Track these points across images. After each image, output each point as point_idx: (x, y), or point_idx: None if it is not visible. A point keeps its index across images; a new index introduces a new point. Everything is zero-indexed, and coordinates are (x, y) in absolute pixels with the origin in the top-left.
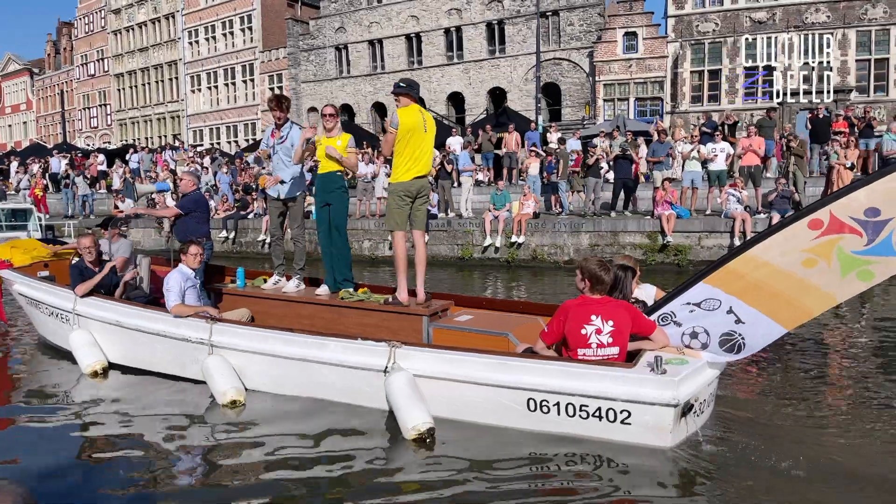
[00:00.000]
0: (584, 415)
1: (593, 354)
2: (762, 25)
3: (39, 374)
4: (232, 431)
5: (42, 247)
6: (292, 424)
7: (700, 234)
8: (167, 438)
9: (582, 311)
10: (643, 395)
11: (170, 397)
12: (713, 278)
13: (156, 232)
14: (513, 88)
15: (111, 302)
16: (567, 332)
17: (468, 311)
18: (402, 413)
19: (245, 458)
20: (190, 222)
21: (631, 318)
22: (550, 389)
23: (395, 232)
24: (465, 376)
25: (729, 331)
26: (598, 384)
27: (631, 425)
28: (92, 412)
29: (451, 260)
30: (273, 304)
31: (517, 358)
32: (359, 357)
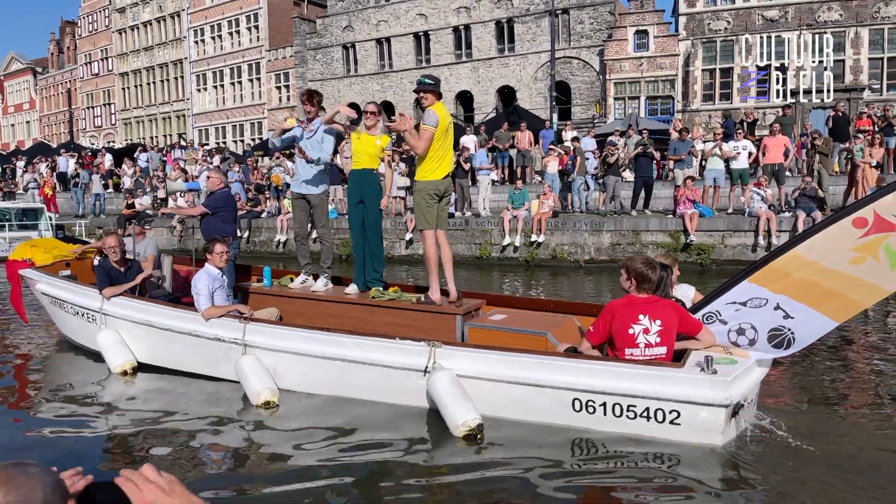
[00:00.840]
0: (632, 415)
1: (641, 354)
2: (774, 23)
3: (66, 373)
4: (268, 432)
5: (63, 246)
6: (331, 424)
7: (724, 233)
8: (201, 438)
9: (629, 310)
10: (694, 396)
11: (202, 397)
12: (757, 277)
13: (168, 232)
14: (522, 87)
15: (140, 301)
16: (614, 332)
17: (501, 311)
18: (449, 411)
19: (285, 458)
20: (216, 221)
21: (678, 318)
22: (597, 390)
23: (426, 231)
24: (508, 376)
25: (778, 326)
26: (647, 384)
27: (680, 425)
28: (123, 411)
29: (468, 259)
30: (302, 303)
31: (563, 358)
32: (398, 357)
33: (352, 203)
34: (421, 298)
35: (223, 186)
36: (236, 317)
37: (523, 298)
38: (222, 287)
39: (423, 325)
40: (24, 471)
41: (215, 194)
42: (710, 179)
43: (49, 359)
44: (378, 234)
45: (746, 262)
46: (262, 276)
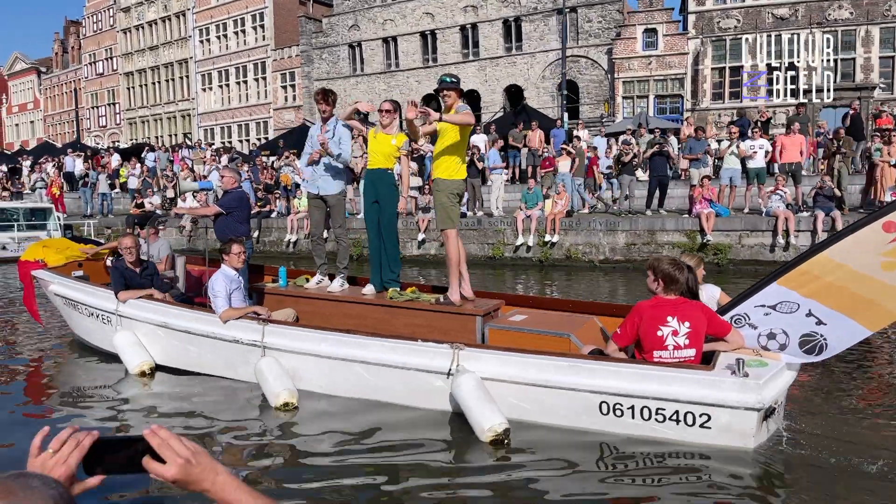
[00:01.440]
0: (661, 418)
1: (670, 356)
2: (784, 22)
3: (82, 375)
4: (287, 434)
5: (75, 246)
6: (352, 427)
7: (741, 233)
8: (220, 440)
9: (657, 312)
10: (725, 399)
11: (220, 399)
12: (787, 279)
13: (178, 231)
14: (529, 86)
15: (157, 303)
16: (641, 334)
17: (520, 311)
18: (475, 415)
19: (305, 461)
20: (231, 221)
21: (706, 319)
22: (625, 393)
23: (450, 230)
24: (534, 379)
25: (810, 332)
26: (676, 387)
27: (711, 429)
28: (141, 413)
29: (481, 259)
30: (318, 303)
31: (590, 360)
32: (420, 359)
33: (367, 203)
34: (440, 299)
35: (237, 186)
36: (254, 318)
37: (541, 298)
38: (239, 288)
39: (442, 325)
40: (26, 483)
41: (229, 194)
42: (727, 179)
43: (64, 360)
44: (394, 235)
45: (764, 262)
46: (278, 277)
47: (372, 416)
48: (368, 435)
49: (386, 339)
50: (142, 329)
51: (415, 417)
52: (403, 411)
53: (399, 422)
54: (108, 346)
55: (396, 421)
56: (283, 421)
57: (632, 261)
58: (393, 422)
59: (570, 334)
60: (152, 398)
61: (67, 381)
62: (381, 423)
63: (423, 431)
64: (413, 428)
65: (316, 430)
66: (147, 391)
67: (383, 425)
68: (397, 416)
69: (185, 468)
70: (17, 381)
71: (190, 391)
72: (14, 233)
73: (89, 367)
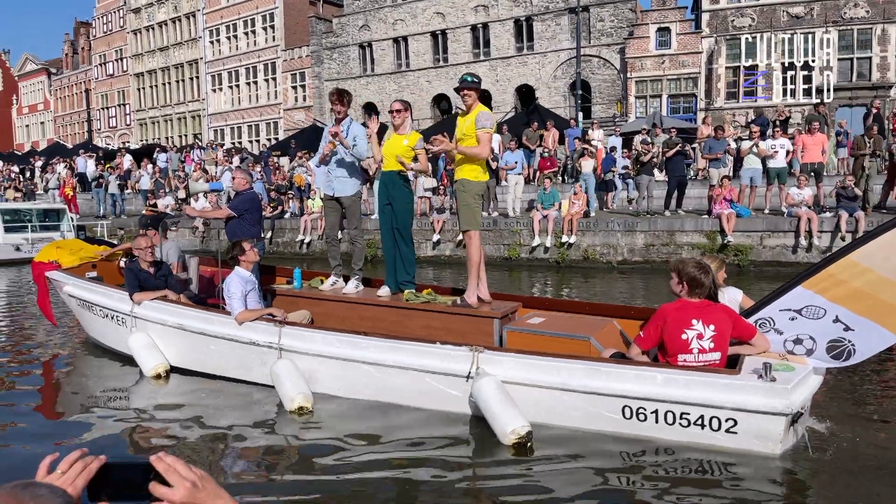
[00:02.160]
0: (685, 423)
1: (695, 360)
2: (799, 20)
3: (97, 376)
4: (303, 438)
5: (88, 247)
6: (368, 430)
7: (762, 234)
8: (236, 444)
9: (682, 315)
10: (752, 404)
11: (236, 402)
12: (812, 282)
13: (190, 232)
14: (541, 86)
15: (172, 305)
16: (666, 338)
17: (538, 314)
18: (497, 418)
19: (320, 465)
20: (242, 223)
21: (731, 322)
22: (648, 397)
23: (472, 232)
24: (555, 382)
25: (837, 338)
26: (702, 391)
27: (737, 434)
28: (156, 416)
29: (497, 260)
30: (333, 305)
31: (613, 364)
32: (439, 362)
33: (381, 205)
34: (457, 301)
35: (249, 187)
36: (268, 320)
37: (559, 301)
38: (255, 290)
39: (458, 328)
40: (34, 492)
41: (241, 196)
42: (747, 179)
43: (78, 362)
44: (408, 237)
45: (786, 263)
46: (292, 278)
47: (389, 419)
48: (386, 438)
49: (405, 342)
50: (157, 331)
51: (433, 420)
52: (421, 414)
53: (417, 425)
54: (122, 347)
55: (414, 424)
56: (299, 425)
57: (650, 262)
58: (411, 425)
59: (590, 337)
60: (167, 401)
61: (82, 382)
62: (398, 426)
63: (443, 435)
64: (432, 431)
65: (332, 434)
66: (162, 393)
67: (401, 428)
68: (415, 419)
69: (192, 492)
70: (32, 382)
71: (204, 394)
72: (28, 234)
73: (103, 369)
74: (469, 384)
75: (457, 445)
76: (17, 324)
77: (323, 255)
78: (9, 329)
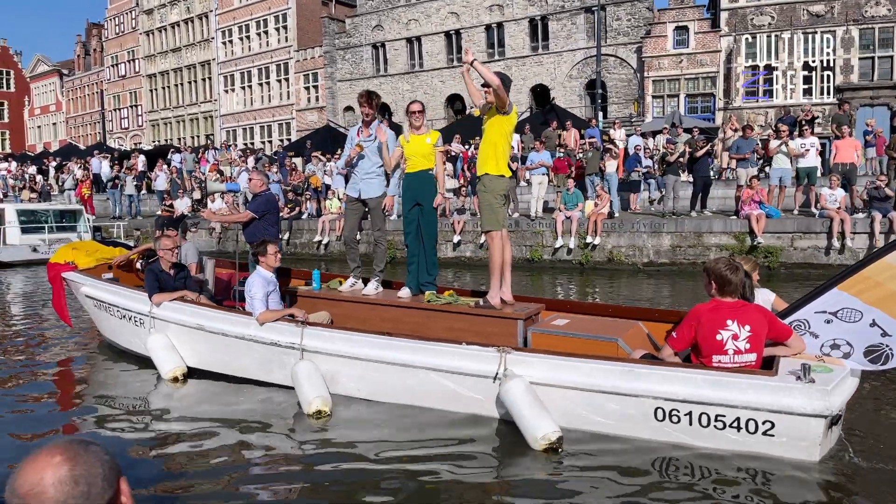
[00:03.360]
0: (720, 425)
1: (730, 361)
2: (820, 19)
3: (114, 378)
4: (325, 441)
5: (104, 248)
6: (392, 433)
7: (793, 235)
8: (255, 449)
9: (716, 315)
10: (790, 406)
11: (254, 405)
12: (847, 284)
13: (206, 233)
14: (556, 86)
15: (192, 305)
16: (700, 338)
17: (562, 315)
18: (526, 422)
19: (342, 470)
20: (261, 224)
21: (767, 323)
22: (682, 398)
23: (494, 232)
24: (586, 384)
25: (876, 343)
26: (738, 393)
27: (774, 437)
28: (173, 418)
29: (519, 262)
30: (353, 306)
31: (646, 365)
32: (465, 363)
33: (407, 206)
34: (479, 302)
35: (265, 188)
36: (290, 320)
37: (582, 303)
38: (276, 290)
39: (482, 329)
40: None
41: (259, 197)
42: (776, 179)
43: (94, 363)
44: (433, 238)
45: (818, 265)
46: (310, 280)
47: (413, 421)
48: (410, 441)
49: (429, 343)
50: (175, 332)
51: (458, 423)
52: (445, 417)
53: (441, 428)
54: (139, 348)
55: (438, 427)
56: (319, 428)
57: (677, 264)
58: (435, 427)
59: (619, 339)
60: (185, 403)
61: (98, 384)
62: (422, 428)
63: (468, 438)
64: (456, 434)
65: (354, 437)
66: (179, 396)
67: (425, 431)
68: (439, 421)
69: None
70: (48, 384)
71: (223, 396)
72: (45, 234)
73: (120, 371)
74: (496, 386)
75: (483, 450)
76: (33, 325)
77: (341, 257)
78: (25, 330)
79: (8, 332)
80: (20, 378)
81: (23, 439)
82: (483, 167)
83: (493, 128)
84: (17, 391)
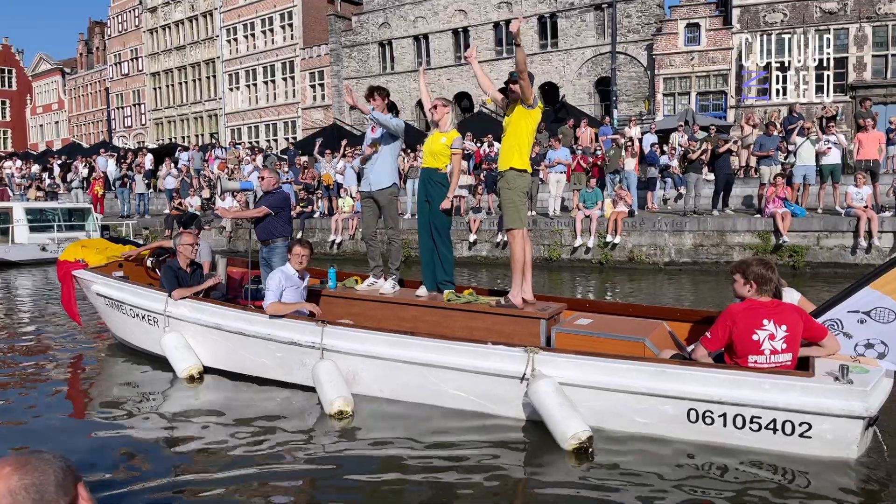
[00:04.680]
0: (755, 427)
1: (766, 362)
2: (833, 16)
3: (127, 378)
4: (346, 442)
5: (113, 246)
6: (416, 434)
7: (819, 234)
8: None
9: (752, 315)
10: (828, 407)
11: (273, 405)
12: (880, 283)
13: (217, 232)
14: (565, 83)
15: (209, 304)
16: (735, 339)
17: (584, 315)
18: (556, 422)
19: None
20: (275, 222)
21: (803, 322)
22: (716, 399)
23: (516, 230)
24: (617, 384)
25: None
26: (774, 394)
27: (811, 438)
28: (191, 419)
29: (537, 261)
30: (370, 305)
31: (679, 365)
32: (491, 363)
33: (419, 203)
34: (500, 301)
35: (278, 186)
36: (297, 317)
37: (603, 302)
38: (297, 288)
39: (503, 329)
40: (39, 456)
41: (274, 194)
42: (800, 177)
43: (106, 363)
44: (444, 236)
45: (845, 265)
46: (326, 278)
47: (436, 422)
48: (435, 442)
49: (454, 342)
50: (191, 330)
51: (483, 424)
52: (470, 417)
53: (466, 428)
54: (153, 347)
55: (463, 427)
56: (341, 428)
57: (699, 263)
58: (460, 428)
59: (645, 339)
60: (202, 403)
61: (112, 385)
62: (448, 429)
63: (495, 439)
64: (482, 435)
65: (377, 437)
66: (196, 396)
67: (451, 432)
68: (464, 422)
69: None
70: (60, 386)
71: (240, 396)
72: (54, 233)
73: (133, 371)
74: (523, 386)
75: (510, 450)
76: (43, 324)
77: (354, 255)
78: (35, 330)
79: (18, 332)
80: (30, 379)
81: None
82: (507, 162)
83: (516, 122)
84: (28, 392)
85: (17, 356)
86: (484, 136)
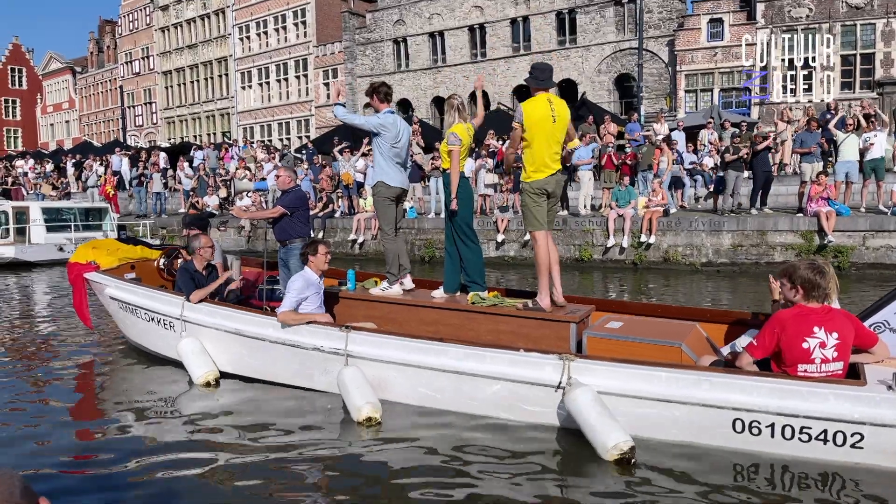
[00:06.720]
0: (805, 438)
1: (816, 371)
2: (859, 11)
3: (142, 384)
4: (374, 451)
5: (125, 247)
6: (445, 444)
7: (864, 234)
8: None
9: (802, 322)
10: (882, 417)
11: (295, 412)
12: None
13: (235, 232)
14: (584, 80)
15: (228, 308)
16: (784, 346)
17: (614, 317)
18: (597, 432)
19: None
20: (293, 221)
21: (854, 329)
22: (764, 409)
23: (536, 232)
24: (658, 393)
25: None
26: (826, 404)
27: (863, 449)
28: (210, 426)
29: (567, 262)
30: (390, 308)
31: (724, 374)
32: (525, 370)
33: (445, 203)
34: (528, 304)
35: (294, 185)
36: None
37: (632, 303)
38: (317, 294)
39: (530, 333)
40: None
41: (290, 193)
42: (842, 174)
43: (119, 368)
44: (465, 236)
45: (891, 265)
46: (345, 280)
47: (469, 430)
48: (468, 450)
49: (485, 349)
50: (208, 335)
51: (516, 433)
52: (503, 426)
53: (499, 438)
54: (168, 352)
55: (496, 437)
56: (368, 437)
57: (738, 264)
58: (493, 438)
59: (682, 343)
60: (221, 410)
61: (127, 391)
62: (479, 437)
63: (529, 449)
64: (516, 445)
65: (407, 445)
66: (215, 402)
67: (483, 440)
68: (496, 431)
69: None
70: (73, 391)
71: (261, 402)
72: (70, 233)
73: (148, 376)
74: (559, 395)
75: (547, 460)
76: (58, 327)
77: (376, 256)
78: (50, 333)
79: (33, 334)
80: (43, 384)
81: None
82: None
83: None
84: (41, 397)
85: (30, 360)
86: (505, 134)
